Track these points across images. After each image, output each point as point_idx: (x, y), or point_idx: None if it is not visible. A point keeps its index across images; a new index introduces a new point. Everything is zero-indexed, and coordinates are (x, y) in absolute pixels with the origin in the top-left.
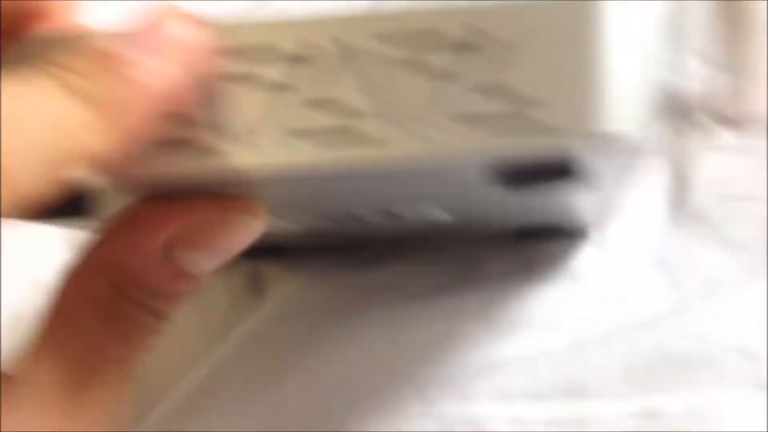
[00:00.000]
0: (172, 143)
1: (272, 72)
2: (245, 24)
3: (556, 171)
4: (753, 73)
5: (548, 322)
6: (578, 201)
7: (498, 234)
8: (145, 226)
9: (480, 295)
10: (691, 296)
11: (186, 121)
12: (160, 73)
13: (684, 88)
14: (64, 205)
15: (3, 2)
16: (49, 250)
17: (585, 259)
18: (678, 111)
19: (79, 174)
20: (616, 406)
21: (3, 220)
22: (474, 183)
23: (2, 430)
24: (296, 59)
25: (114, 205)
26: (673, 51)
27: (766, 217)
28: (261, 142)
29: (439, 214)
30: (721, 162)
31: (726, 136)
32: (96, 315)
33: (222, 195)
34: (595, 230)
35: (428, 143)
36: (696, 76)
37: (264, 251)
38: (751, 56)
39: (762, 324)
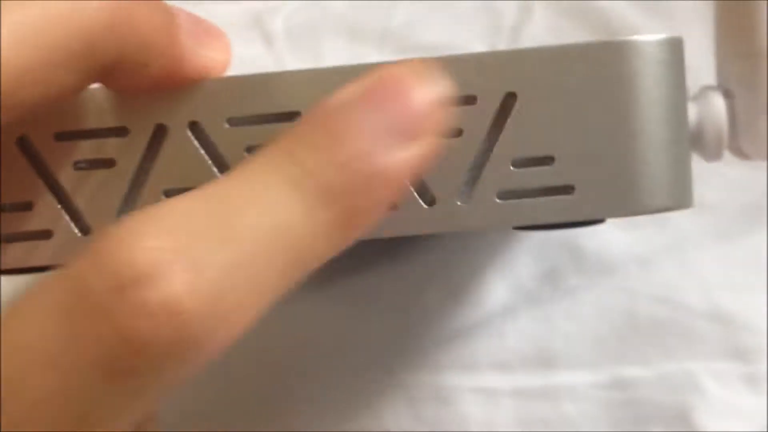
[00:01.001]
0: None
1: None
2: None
3: (579, 224)
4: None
5: (514, 289)
6: None
7: None
8: None
9: (443, 262)
10: (660, 256)
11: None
12: (410, 158)
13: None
14: None
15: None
16: None
17: None
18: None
19: None
20: (585, 376)
21: None
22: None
23: None
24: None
25: None
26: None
27: (737, 179)
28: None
29: None
30: None
31: None
32: None
33: None
34: None
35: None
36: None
37: None
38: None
39: (733, 286)
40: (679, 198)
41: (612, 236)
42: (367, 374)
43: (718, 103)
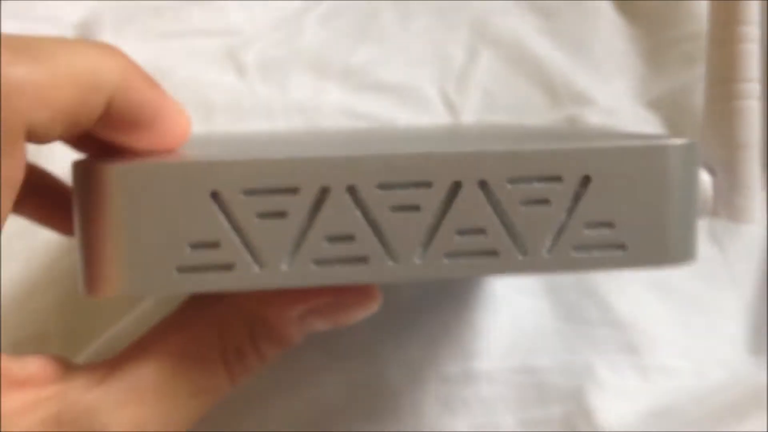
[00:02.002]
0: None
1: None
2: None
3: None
4: (747, 185)
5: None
6: None
7: None
8: (300, 292)
9: None
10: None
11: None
12: None
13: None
14: None
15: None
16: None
17: None
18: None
19: None
20: (500, 363)
21: None
22: None
23: (101, 412)
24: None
25: None
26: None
27: None
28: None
29: None
30: None
31: None
32: (220, 349)
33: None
34: None
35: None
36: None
37: None
38: (746, 170)
39: (628, 298)
40: (691, 254)
41: None
42: (311, 356)
43: (705, 180)
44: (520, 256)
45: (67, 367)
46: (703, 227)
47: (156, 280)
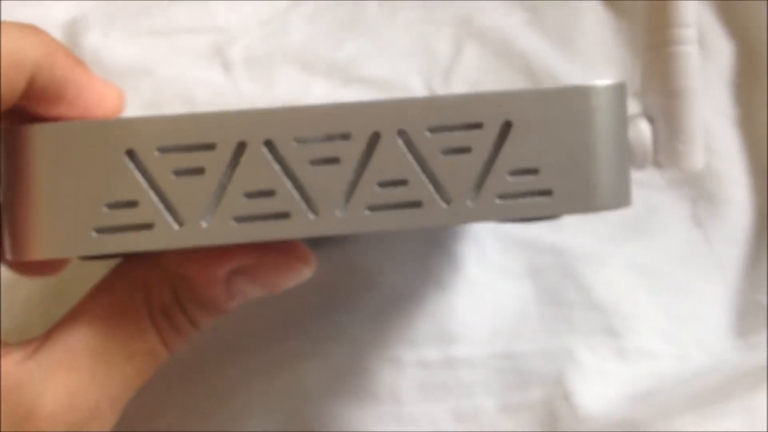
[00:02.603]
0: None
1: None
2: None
3: (547, 218)
4: (687, 131)
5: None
6: None
7: None
8: (222, 252)
9: (361, 252)
10: (548, 261)
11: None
12: None
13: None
14: None
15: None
16: None
17: None
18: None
19: None
20: (481, 348)
21: None
22: None
23: (33, 383)
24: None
25: None
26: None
27: None
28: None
29: None
30: None
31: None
32: (148, 310)
33: (291, 243)
34: None
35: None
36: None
37: None
38: (685, 116)
39: (609, 283)
40: (623, 199)
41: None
42: (293, 341)
43: (644, 128)
44: (444, 205)
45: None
46: (685, 211)
47: (74, 242)
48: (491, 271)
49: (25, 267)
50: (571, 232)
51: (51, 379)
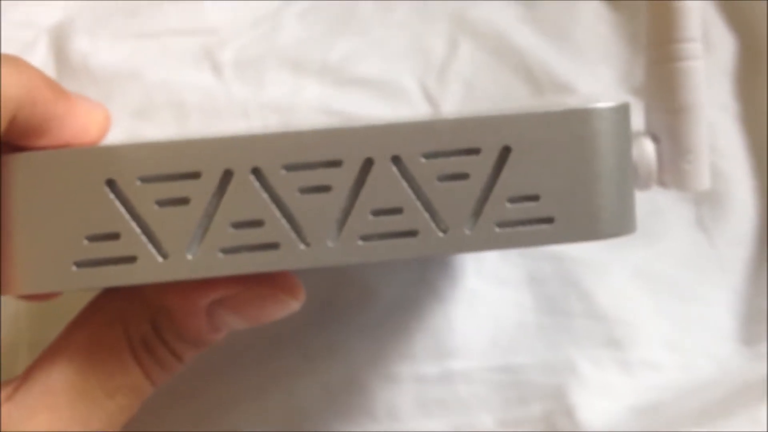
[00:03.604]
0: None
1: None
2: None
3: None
4: (693, 150)
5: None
6: None
7: None
8: (203, 283)
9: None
10: (546, 270)
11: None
12: None
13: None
14: None
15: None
16: None
17: None
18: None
19: None
20: (478, 362)
21: None
22: None
23: (12, 426)
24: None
25: None
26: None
27: None
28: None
29: None
30: None
31: None
32: (128, 344)
33: (276, 274)
34: None
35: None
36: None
37: None
38: (691, 134)
39: (611, 291)
40: (627, 226)
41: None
42: (286, 358)
43: (648, 147)
44: (441, 234)
45: None
46: (689, 214)
47: (54, 276)
48: (489, 280)
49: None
50: None
51: (31, 421)
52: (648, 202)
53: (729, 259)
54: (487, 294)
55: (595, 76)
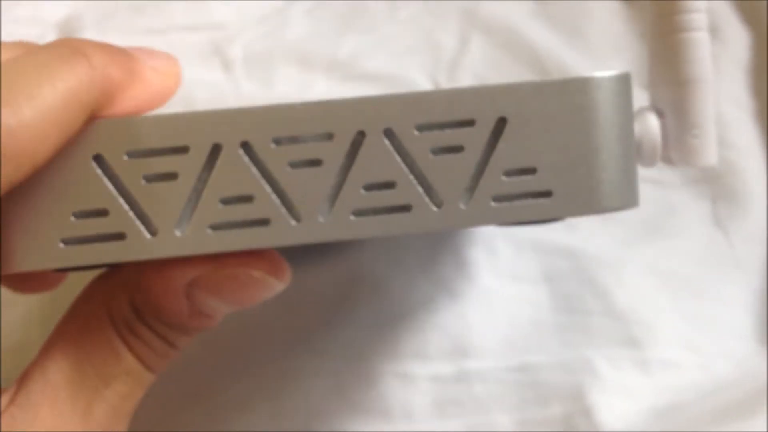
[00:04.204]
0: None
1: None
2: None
3: (548, 221)
4: (699, 124)
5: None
6: None
7: None
8: (176, 262)
9: (371, 260)
10: (562, 266)
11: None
12: None
13: (645, 139)
14: None
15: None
16: None
17: None
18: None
19: None
20: (494, 362)
21: None
22: None
23: (15, 425)
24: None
25: None
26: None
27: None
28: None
29: None
30: None
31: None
32: (114, 328)
33: (256, 252)
34: None
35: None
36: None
37: None
38: (697, 107)
39: (627, 288)
40: (629, 200)
41: (523, 245)
42: (299, 357)
43: (652, 122)
44: (435, 209)
45: None
46: (705, 211)
47: (40, 254)
48: (504, 277)
49: (17, 284)
50: (587, 234)
51: (35, 419)
52: (664, 200)
53: (746, 257)
54: (503, 292)
55: (600, 70)
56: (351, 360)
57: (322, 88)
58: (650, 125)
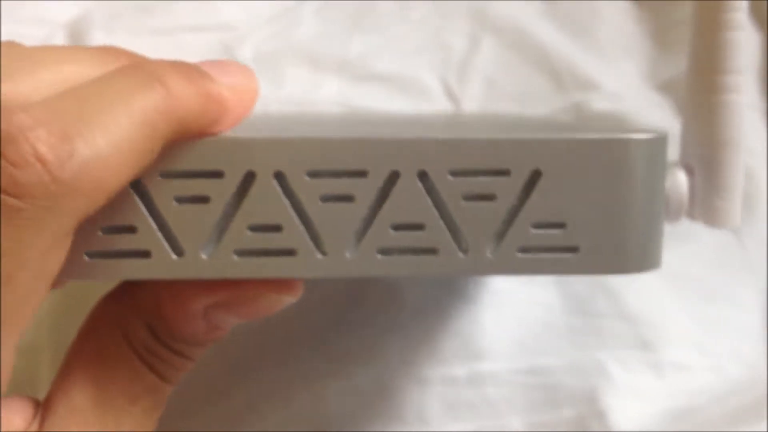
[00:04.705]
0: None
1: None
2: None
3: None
4: (727, 187)
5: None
6: None
7: None
8: (196, 285)
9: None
10: None
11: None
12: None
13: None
14: None
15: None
16: None
17: None
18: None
19: None
20: (506, 364)
21: None
22: None
23: None
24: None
25: None
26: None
27: None
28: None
29: None
30: None
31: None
32: (133, 351)
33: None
34: None
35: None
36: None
37: None
38: (727, 170)
39: (638, 292)
40: (653, 262)
41: None
42: (311, 361)
43: (682, 180)
44: (461, 255)
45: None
46: None
47: (65, 265)
48: (515, 280)
49: None
50: None
51: None
52: None
53: (758, 260)
54: (514, 294)
55: (618, 72)
56: (365, 363)
57: (332, 88)
58: (679, 183)
